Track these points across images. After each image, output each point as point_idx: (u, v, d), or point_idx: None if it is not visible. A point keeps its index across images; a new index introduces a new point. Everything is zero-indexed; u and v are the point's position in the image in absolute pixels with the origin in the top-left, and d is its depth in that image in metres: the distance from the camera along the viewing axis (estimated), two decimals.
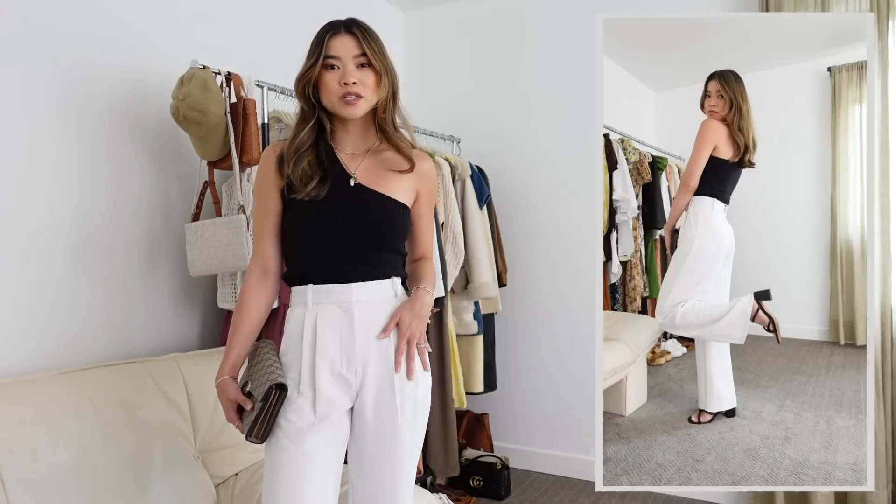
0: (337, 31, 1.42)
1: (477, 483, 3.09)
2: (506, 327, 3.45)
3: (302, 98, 1.46)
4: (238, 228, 2.10)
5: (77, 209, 2.09)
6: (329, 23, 1.45)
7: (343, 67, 1.40)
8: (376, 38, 1.44)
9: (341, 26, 1.43)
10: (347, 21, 1.44)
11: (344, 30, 1.42)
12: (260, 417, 1.35)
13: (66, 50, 2.05)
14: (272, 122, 2.39)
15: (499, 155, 3.48)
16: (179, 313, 2.41)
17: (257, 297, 1.48)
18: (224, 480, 2.06)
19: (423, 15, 3.73)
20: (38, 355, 1.97)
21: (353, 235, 1.43)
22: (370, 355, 1.43)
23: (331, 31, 1.42)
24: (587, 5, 3.27)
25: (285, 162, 1.45)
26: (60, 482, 1.67)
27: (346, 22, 1.44)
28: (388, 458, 1.43)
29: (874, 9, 2.58)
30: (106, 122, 2.17)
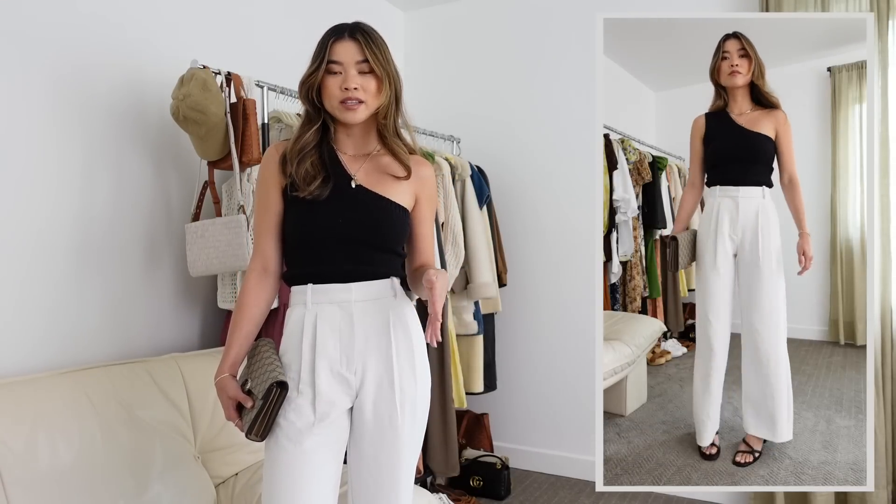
0: (341, 37, 1.42)
1: (477, 483, 3.09)
2: (506, 327, 3.45)
3: (306, 101, 1.47)
4: (238, 228, 2.10)
5: (77, 209, 2.09)
6: (334, 27, 1.45)
7: (345, 73, 1.41)
8: (380, 43, 1.44)
9: (345, 31, 1.42)
10: (352, 26, 1.44)
11: (348, 35, 1.42)
12: (260, 415, 1.36)
13: (66, 50, 2.05)
14: (272, 122, 2.39)
15: (499, 155, 3.48)
16: (179, 313, 2.42)
17: (257, 295, 1.48)
18: (224, 480, 2.06)
19: (423, 15, 3.73)
20: (37, 355, 1.97)
21: (353, 235, 1.44)
22: (370, 355, 1.43)
23: (335, 35, 1.42)
24: (587, 5, 3.27)
25: (288, 161, 1.45)
26: (60, 482, 1.67)
27: (351, 27, 1.44)
28: (387, 458, 1.43)
29: (874, 9, 2.58)
30: (106, 121, 2.17)
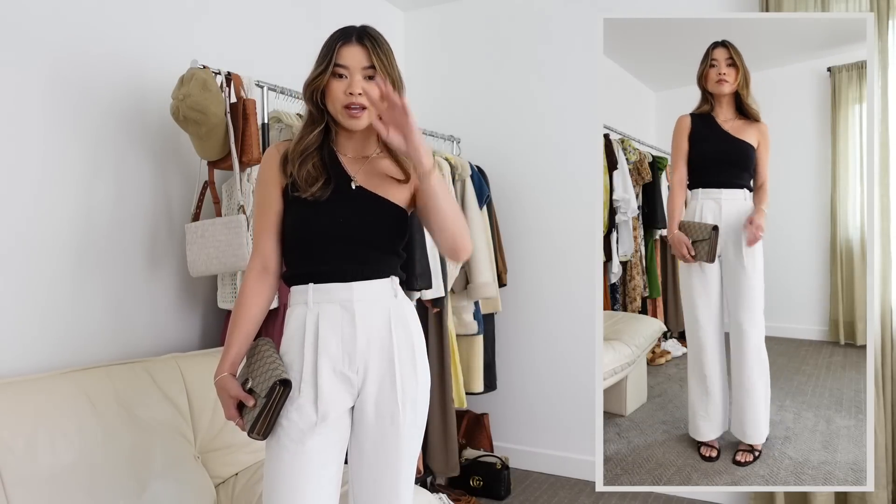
0: (348, 41, 1.42)
1: (477, 483, 3.09)
2: (506, 327, 3.45)
3: (310, 103, 1.47)
4: (238, 228, 2.10)
5: (77, 209, 2.09)
6: (341, 30, 1.45)
7: (350, 78, 1.41)
8: (387, 49, 1.44)
9: (353, 35, 1.42)
10: (360, 30, 1.44)
11: (356, 40, 1.42)
12: (263, 413, 1.35)
13: (66, 50, 2.05)
14: (272, 122, 2.39)
15: (499, 155, 3.48)
16: (180, 313, 2.42)
17: (257, 294, 1.49)
18: (224, 480, 2.06)
19: (424, 15, 3.74)
20: (38, 355, 1.97)
21: (353, 235, 1.44)
22: (372, 354, 1.43)
23: (342, 39, 1.42)
24: (587, 6, 3.27)
25: (290, 162, 1.46)
26: (60, 482, 1.67)
27: (359, 31, 1.43)
28: (388, 458, 1.43)
29: (874, 9, 2.58)
30: (106, 121, 2.17)
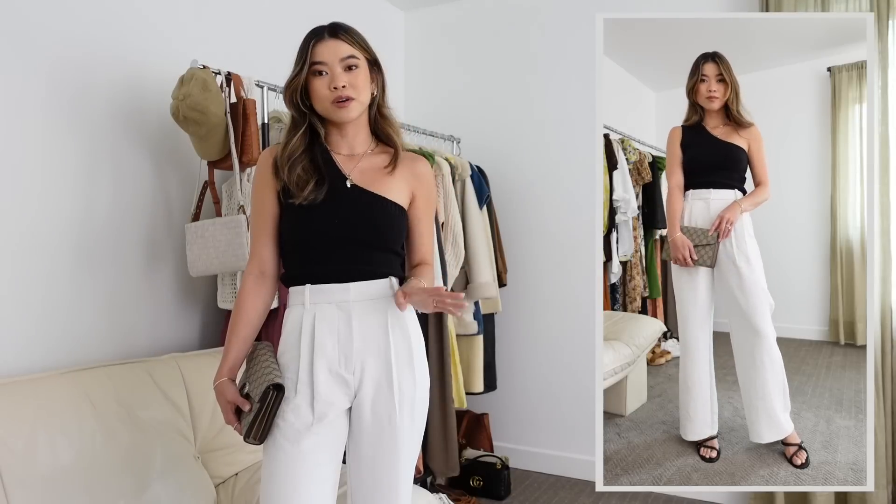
0: (321, 38, 1.44)
1: (477, 483, 3.09)
2: (506, 327, 3.45)
3: (291, 105, 1.48)
4: (238, 228, 2.10)
5: (77, 209, 2.09)
6: (312, 30, 1.47)
7: (331, 72, 1.42)
8: (361, 37, 1.47)
9: (325, 31, 1.44)
10: (331, 26, 1.46)
11: (328, 35, 1.44)
12: (258, 418, 1.36)
13: (66, 50, 2.05)
14: (272, 122, 2.39)
15: (499, 155, 3.48)
16: (179, 313, 2.42)
17: (255, 299, 1.49)
18: (224, 480, 2.06)
19: (423, 15, 3.73)
20: (38, 355, 1.97)
21: (350, 235, 1.44)
22: (368, 355, 1.43)
23: (315, 37, 1.44)
24: (587, 5, 3.27)
25: (279, 168, 1.46)
26: (60, 482, 1.67)
27: (330, 27, 1.45)
28: (386, 458, 1.43)
29: (874, 9, 2.58)
30: (106, 122, 2.17)
